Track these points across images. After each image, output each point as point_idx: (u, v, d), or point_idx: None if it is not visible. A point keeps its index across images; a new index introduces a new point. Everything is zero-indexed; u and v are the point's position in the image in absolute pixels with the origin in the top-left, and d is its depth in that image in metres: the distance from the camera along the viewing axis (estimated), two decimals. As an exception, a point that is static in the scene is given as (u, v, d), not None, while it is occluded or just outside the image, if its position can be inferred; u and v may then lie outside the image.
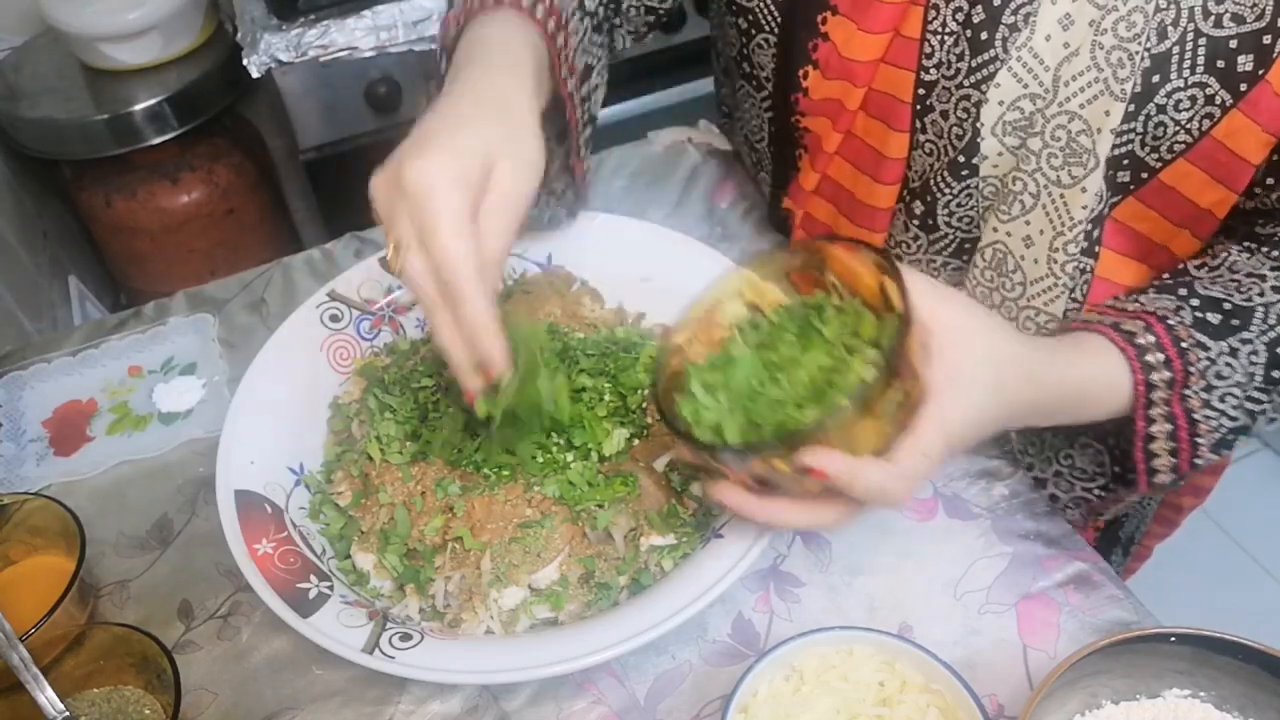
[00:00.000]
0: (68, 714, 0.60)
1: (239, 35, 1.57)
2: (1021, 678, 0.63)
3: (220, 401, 0.81)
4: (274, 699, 0.66)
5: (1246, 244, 0.67)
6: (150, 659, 0.62)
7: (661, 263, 0.80)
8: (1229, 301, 0.63)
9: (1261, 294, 0.63)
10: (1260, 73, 0.60)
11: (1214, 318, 0.62)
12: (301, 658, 0.67)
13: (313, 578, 0.64)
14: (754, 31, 0.76)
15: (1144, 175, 0.66)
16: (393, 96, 1.65)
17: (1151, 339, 0.62)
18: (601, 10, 0.77)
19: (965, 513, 0.72)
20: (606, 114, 1.04)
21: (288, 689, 0.66)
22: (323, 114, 1.65)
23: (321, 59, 1.56)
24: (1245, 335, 0.62)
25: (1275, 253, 0.65)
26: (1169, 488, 0.66)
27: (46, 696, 0.59)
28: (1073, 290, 0.70)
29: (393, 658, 0.59)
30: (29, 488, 0.77)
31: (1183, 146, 0.63)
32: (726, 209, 0.94)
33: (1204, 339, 0.62)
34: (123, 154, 1.70)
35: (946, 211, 0.73)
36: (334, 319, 0.79)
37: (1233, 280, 0.64)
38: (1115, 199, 0.68)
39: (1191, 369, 0.61)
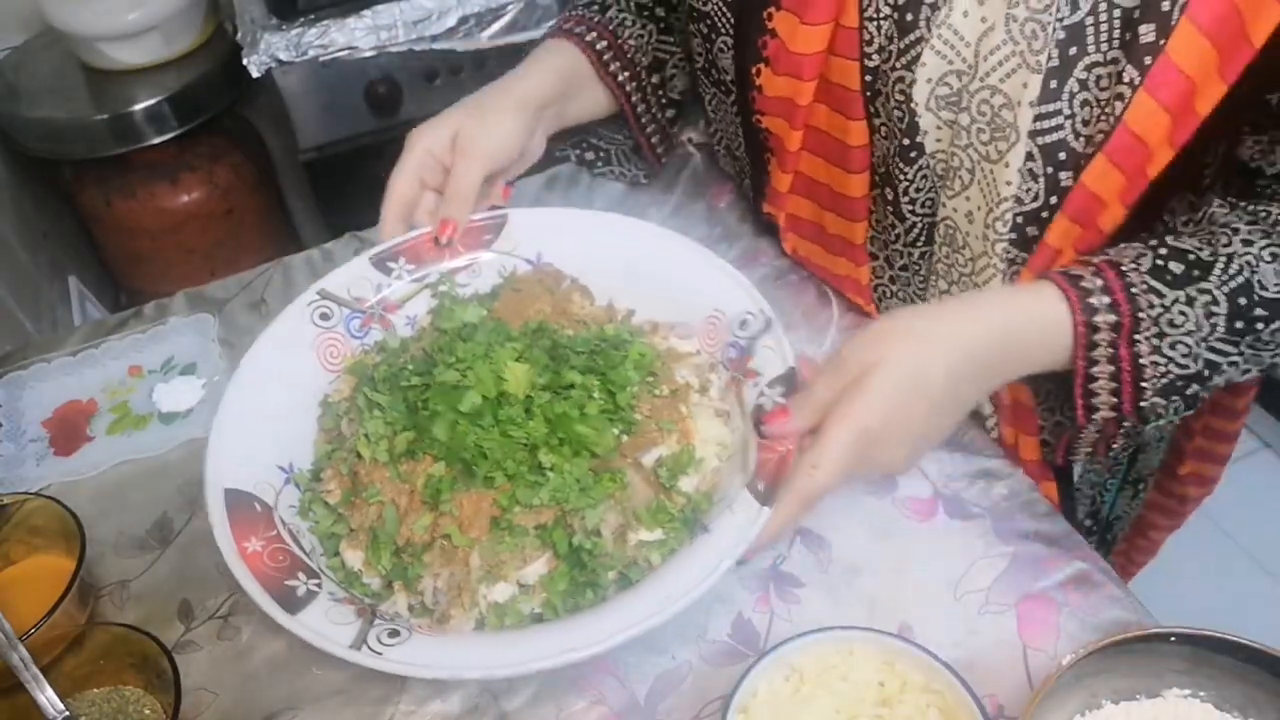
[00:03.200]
0: (68, 714, 0.60)
1: (239, 35, 1.57)
2: (1021, 678, 0.63)
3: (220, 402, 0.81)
4: (274, 699, 0.66)
5: (1232, 199, 0.65)
6: (150, 659, 0.62)
7: (650, 259, 0.80)
8: (1196, 253, 0.61)
9: (1228, 244, 0.61)
10: (1161, 42, 0.57)
11: (1176, 267, 0.61)
12: (301, 657, 0.67)
13: (301, 575, 0.64)
14: (714, 35, 0.77)
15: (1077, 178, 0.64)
16: (393, 96, 1.65)
17: (1099, 283, 0.61)
18: (668, 15, 0.89)
19: (965, 513, 0.72)
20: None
21: (288, 689, 0.66)
22: (323, 114, 1.65)
23: (321, 59, 1.56)
24: (1204, 285, 0.61)
25: (1252, 206, 0.63)
26: (1115, 429, 0.67)
27: (46, 696, 0.59)
28: (1008, 276, 0.69)
29: (380, 654, 0.59)
30: (29, 488, 0.77)
31: (1102, 137, 0.61)
32: (725, 209, 0.94)
33: (1159, 286, 0.61)
34: (123, 154, 1.70)
35: (909, 199, 0.73)
36: (324, 317, 0.78)
37: (1208, 233, 0.63)
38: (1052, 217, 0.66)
39: (1141, 315, 0.61)
